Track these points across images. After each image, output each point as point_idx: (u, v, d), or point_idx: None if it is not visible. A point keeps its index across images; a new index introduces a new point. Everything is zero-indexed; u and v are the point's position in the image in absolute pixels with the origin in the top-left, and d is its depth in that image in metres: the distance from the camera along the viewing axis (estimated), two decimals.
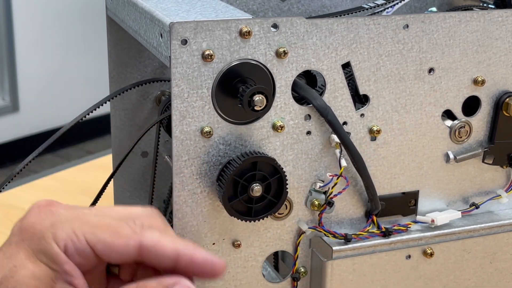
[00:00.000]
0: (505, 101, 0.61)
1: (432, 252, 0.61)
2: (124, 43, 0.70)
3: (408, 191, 0.61)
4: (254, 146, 0.55)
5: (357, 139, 0.58)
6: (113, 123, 0.72)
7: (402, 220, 0.62)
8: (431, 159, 0.61)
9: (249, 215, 0.54)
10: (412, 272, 0.61)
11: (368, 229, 0.60)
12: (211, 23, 0.51)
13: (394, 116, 0.59)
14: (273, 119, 0.55)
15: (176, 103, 0.52)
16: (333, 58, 0.55)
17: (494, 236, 0.63)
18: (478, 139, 0.62)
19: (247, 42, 0.52)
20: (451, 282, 0.63)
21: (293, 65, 0.54)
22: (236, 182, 0.53)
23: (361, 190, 0.60)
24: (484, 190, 0.64)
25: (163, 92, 0.72)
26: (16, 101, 3.15)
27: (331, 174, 0.57)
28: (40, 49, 3.17)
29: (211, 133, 0.53)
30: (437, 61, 0.58)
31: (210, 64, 0.52)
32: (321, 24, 0.54)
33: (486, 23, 0.59)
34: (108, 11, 0.69)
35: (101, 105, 0.62)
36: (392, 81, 0.58)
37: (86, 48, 3.34)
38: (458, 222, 0.63)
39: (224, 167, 0.54)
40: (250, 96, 0.52)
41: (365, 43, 0.56)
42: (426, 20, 0.57)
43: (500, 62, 0.60)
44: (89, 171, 1.13)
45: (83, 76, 3.36)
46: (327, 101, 0.56)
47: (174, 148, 0.53)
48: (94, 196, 0.62)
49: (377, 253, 0.60)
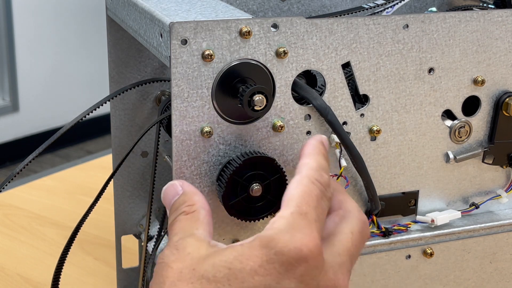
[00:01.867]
0: (505, 101, 0.61)
1: (432, 252, 0.61)
2: (124, 43, 0.70)
3: (408, 191, 0.61)
4: (254, 146, 0.55)
5: (357, 139, 0.58)
6: (113, 123, 0.72)
7: (402, 220, 0.62)
8: (431, 159, 0.61)
9: (249, 215, 0.54)
10: (412, 272, 0.61)
11: None
12: (211, 23, 0.51)
13: (394, 116, 0.59)
14: (273, 119, 0.55)
15: (176, 103, 0.52)
16: (333, 58, 0.55)
17: (494, 236, 0.63)
18: (478, 139, 0.62)
19: (247, 42, 0.52)
20: (451, 282, 0.63)
21: (293, 65, 0.54)
22: (236, 182, 0.53)
23: (361, 190, 0.60)
24: (484, 190, 0.64)
25: (163, 92, 0.72)
26: (16, 101, 3.15)
27: (331, 174, 0.57)
28: (40, 49, 3.17)
29: (211, 133, 0.53)
30: (437, 61, 0.58)
31: (210, 64, 0.52)
32: (321, 24, 0.54)
33: (486, 23, 0.59)
34: (108, 11, 0.69)
35: (101, 105, 0.62)
36: (392, 81, 0.58)
37: (86, 48, 3.34)
38: (458, 222, 0.63)
39: (224, 167, 0.54)
40: (250, 96, 0.52)
41: (365, 43, 0.56)
42: (426, 20, 0.57)
43: (500, 62, 0.60)
44: (89, 171, 1.13)
45: (83, 76, 3.36)
46: (327, 101, 0.56)
47: (174, 148, 0.53)
48: (94, 196, 0.62)
49: (377, 253, 0.60)
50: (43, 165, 2.99)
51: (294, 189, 0.47)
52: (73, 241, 0.63)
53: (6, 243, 0.91)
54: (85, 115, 0.62)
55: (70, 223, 0.96)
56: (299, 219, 0.45)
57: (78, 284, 0.83)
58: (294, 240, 0.44)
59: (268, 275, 0.43)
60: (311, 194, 0.47)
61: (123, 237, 0.76)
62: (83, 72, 3.36)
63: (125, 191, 0.75)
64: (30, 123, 3.21)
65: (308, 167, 0.48)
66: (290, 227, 0.44)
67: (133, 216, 0.75)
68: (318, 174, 0.48)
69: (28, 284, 0.83)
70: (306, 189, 0.47)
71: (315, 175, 0.48)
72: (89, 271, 0.85)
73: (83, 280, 0.83)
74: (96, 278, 0.84)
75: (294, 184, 0.47)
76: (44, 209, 0.99)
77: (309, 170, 0.48)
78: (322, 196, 0.47)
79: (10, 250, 0.89)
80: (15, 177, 0.61)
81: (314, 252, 0.44)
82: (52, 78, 3.26)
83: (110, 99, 0.65)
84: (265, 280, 0.43)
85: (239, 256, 0.44)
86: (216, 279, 0.43)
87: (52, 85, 3.26)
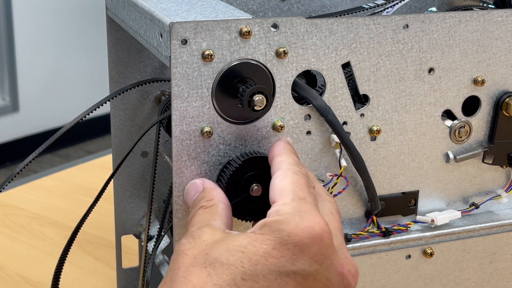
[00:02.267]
0: (505, 101, 0.61)
1: (432, 252, 0.61)
2: (124, 43, 0.70)
3: (408, 191, 0.61)
4: (254, 146, 0.55)
5: (357, 139, 0.58)
6: (113, 123, 0.72)
7: (402, 220, 0.62)
8: (431, 159, 0.61)
9: (249, 214, 0.54)
10: (412, 272, 0.61)
11: (368, 229, 0.60)
12: (211, 23, 0.51)
13: (394, 116, 0.59)
14: (273, 119, 0.55)
15: (176, 103, 0.52)
16: (333, 58, 0.55)
17: (494, 236, 0.63)
18: (478, 139, 0.62)
19: (247, 42, 0.52)
20: (451, 282, 0.63)
21: (293, 65, 0.54)
22: (236, 182, 0.53)
23: (361, 190, 0.60)
24: (484, 190, 0.64)
25: (163, 92, 0.72)
26: (16, 101, 3.15)
27: (331, 174, 0.57)
28: (40, 49, 3.17)
29: (211, 133, 0.53)
30: (437, 61, 0.58)
31: (210, 64, 0.52)
32: (321, 24, 0.54)
33: (486, 23, 0.59)
34: (108, 11, 0.69)
35: (101, 105, 0.62)
36: (392, 81, 0.58)
37: (86, 48, 3.34)
38: (458, 222, 0.63)
39: (224, 168, 0.54)
40: (250, 96, 0.52)
41: (365, 43, 0.56)
42: (426, 20, 0.57)
43: (500, 62, 0.60)
44: (89, 171, 1.13)
45: (83, 76, 3.36)
46: (327, 101, 0.56)
47: (174, 148, 0.53)
48: (94, 196, 0.62)
49: (377, 253, 0.60)
50: (43, 165, 2.99)
51: (282, 182, 0.48)
52: (73, 241, 0.63)
53: (6, 243, 0.91)
54: (85, 115, 0.62)
55: (70, 223, 0.96)
56: (301, 203, 0.46)
57: (78, 284, 0.83)
58: (304, 220, 0.45)
59: (282, 256, 0.44)
60: (300, 182, 0.48)
61: (123, 237, 0.76)
62: (83, 72, 3.36)
63: (125, 191, 0.75)
64: (30, 123, 3.21)
65: (286, 163, 0.50)
66: (297, 211, 0.46)
67: (133, 216, 0.75)
68: (298, 167, 0.50)
69: (28, 284, 0.83)
70: (293, 180, 0.48)
71: (295, 168, 0.50)
72: (89, 271, 0.85)
73: (83, 280, 0.83)
74: (96, 278, 0.84)
75: (279, 178, 0.49)
76: (44, 209, 0.99)
77: (288, 165, 0.50)
78: (308, 184, 0.49)
79: (10, 250, 0.89)
80: (15, 177, 0.61)
81: (326, 230, 0.45)
82: (52, 78, 3.26)
83: (110, 99, 0.65)
84: (279, 262, 0.44)
85: (252, 241, 0.44)
86: (229, 261, 0.44)
87: (52, 85, 3.26)
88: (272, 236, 0.44)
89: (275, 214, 0.46)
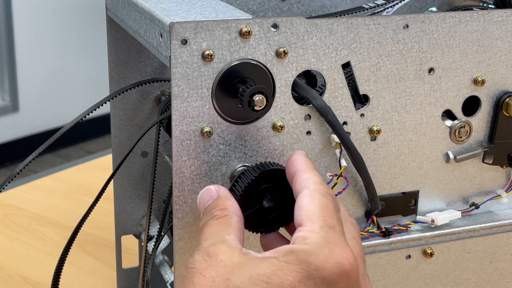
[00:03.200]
0: (505, 101, 0.61)
1: (432, 252, 0.61)
2: (124, 43, 0.70)
3: (408, 191, 0.61)
4: (254, 146, 0.55)
5: (357, 139, 0.58)
6: (113, 123, 0.72)
7: (402, 220, 0.62)
8: (431, 159, 0.61)
9: (262, 226, 0.53)
10: (412, 272, 0.61)
11: (368, 229, 0.60)
12: (211, 23, 0.51)
13: (394, 116, 0.59)
14: (273, 119, 0.55)
15: (176, 103, 0.52)
16: (333, 58, 0.55)
17: (494, 236, 0.63)
18: (478, 139, 0.62)
19: (247, 42, 0.52)
20: (451, 282, 0.63)
21: (293, 65, 0.54)
22: (250, 194, 0.52)
23: (361, 190, 0.60)
24: (484, 190, 0.64)
25: (163, 92, 0.72)
26: (16, 101, 3.15)
27: (331, 174, 0.57)
28: (40, 49, 3.17)
29: (211, 133, 0.53)
30: (437, 61, 0.58)
31: (210, 64, 0.52)
32: (321, 24, 0.54)
33: (486, 23, 0.59)
34: (108, 11, 0.69)
35: (101, 105, 0.62)
36: (392, 81, 0.58)
37: (86, 48, 3.34)
38: (458, 222, 0.63)
39: (238, 178, 0.52)
40: (250, 96, 0.52)
41: (365, 43, 0.56)
42: (426, 20, 0.57)
43: (500, 62, 0.60)
44: (89, 171, 1.13)
45: (83, 76, 3.36)
46: (327, 101, 0.56)
47: (174, 148, 0.53)
48: (94, 196, 0.62)
49: (377, 253, 0.60)
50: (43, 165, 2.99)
51: (310, 204, 0.46)
52: (73, 241, 0.63)
53: (6, 243, 0.91)
54: (85, 115, 0.62)
55: (70, 223, 0.96)
56: (331, 232, 0.44)
57: (78, 284, 0.83)
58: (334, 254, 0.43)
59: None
60: (329, 207, 0.46)
61: (123, 237, 0.76)
62: (83, 72, 3.36)
63: (125, 191, 0.75)
64: (30, 123, 3.21)
65: (313, 181, 0.48)
66: (326, 241, 0.43)
67: (133, 216, 0.75)
68: (325, 188, 0.47)
69: (28, 284, 0.83)
70: (322, 203, 0.46)
71: (323, 189, 0.47)
72: (89, 271, 0.85)
73: (83, 280, 0.83)
74: (96, 278, 0.84)
75: (307, 198, 0.47)
76: (44, 209, 0.99)
77: (316, 184, 0.47)
78: (336, 209, 0.47)
79: (10, 250, 0.89)
80: (15, 177, 0.61)
81: (355, 266, 0.43)
82: (52, 78, 3.26)
83: (110, 99, 0.65)
84: None
85: (277, 271, 0.42)
86: None
87: (52, 85, 3.26)
88: (299, 267, 0.42)
89: (302, 241, 0.44)
